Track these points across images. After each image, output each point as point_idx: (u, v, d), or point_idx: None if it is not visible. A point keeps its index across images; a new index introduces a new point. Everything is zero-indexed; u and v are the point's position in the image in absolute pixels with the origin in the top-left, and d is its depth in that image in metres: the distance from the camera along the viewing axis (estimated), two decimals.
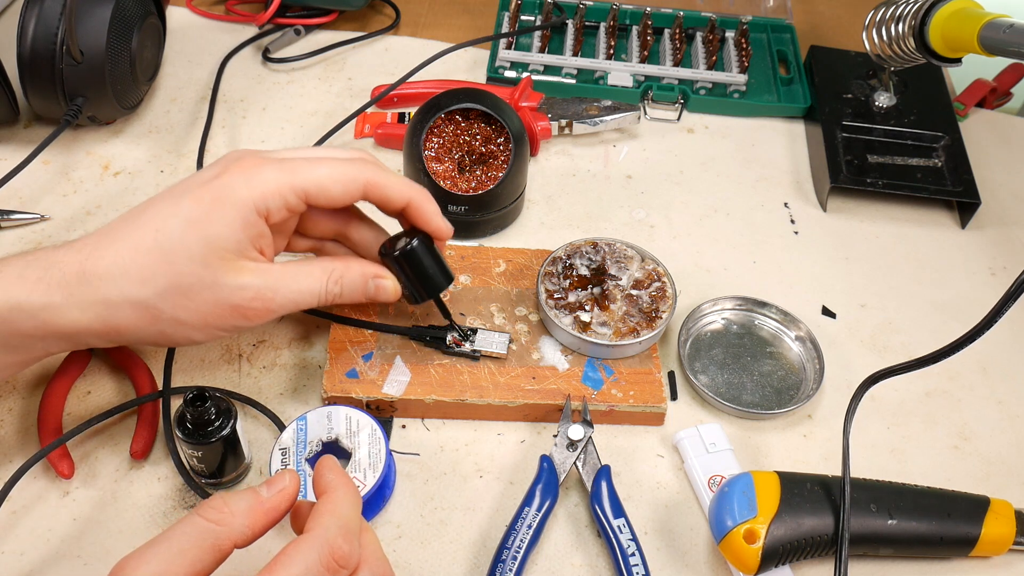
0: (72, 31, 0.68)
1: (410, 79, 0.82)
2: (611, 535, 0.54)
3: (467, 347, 0.61)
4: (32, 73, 0.69)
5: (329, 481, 0.43)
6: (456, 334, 0.61)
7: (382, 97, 0.80)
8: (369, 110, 0.81)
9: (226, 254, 0.51)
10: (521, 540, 0.53)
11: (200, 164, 0.75)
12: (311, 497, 0.45)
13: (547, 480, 0.55)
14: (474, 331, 0.61)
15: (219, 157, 0.55)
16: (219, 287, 0.51)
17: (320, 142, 0.78)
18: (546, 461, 0.56)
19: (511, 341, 0.62)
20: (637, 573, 0.52)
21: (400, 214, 0.57)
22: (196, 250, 0.50)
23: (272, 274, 0.53)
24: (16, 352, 0.51)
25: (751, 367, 0.65)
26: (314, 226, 0.59)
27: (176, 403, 0.59)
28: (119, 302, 0.50)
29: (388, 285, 0.57)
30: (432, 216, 0.57)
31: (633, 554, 0.53)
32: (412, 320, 0.63)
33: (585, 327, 0.62)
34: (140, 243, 0.50)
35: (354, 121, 0.80)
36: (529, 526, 0.53)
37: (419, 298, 0.58)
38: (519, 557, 0.52)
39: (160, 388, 0.60)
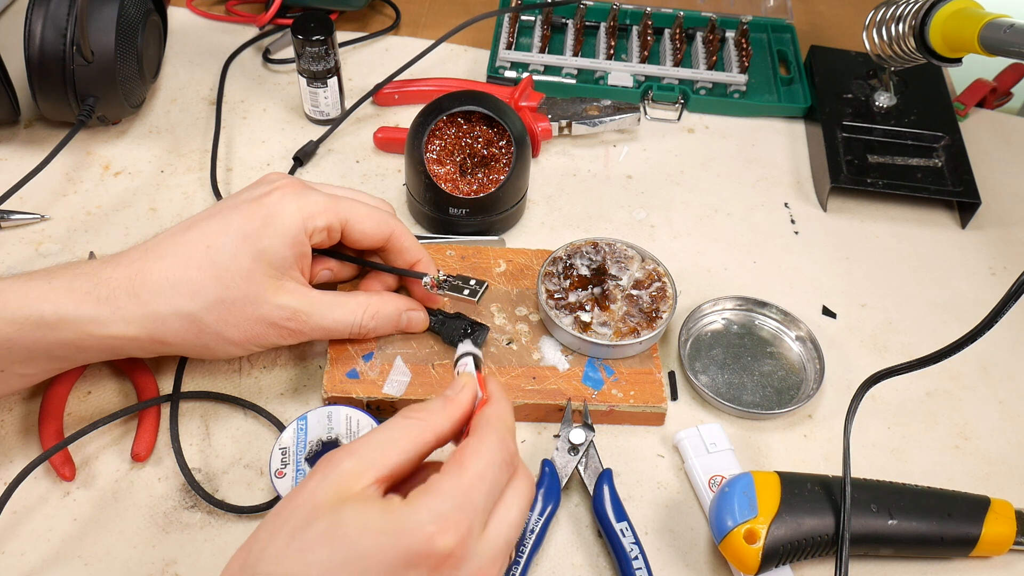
0: (84, 31, 0.68)
1: (410, 78, 0.82)
2: (614, 539, 0.54)
3: (441, 291, 0.61)
4: (42, 75, 0.69)
5: (492, 391, 0.47)
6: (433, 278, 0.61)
7: (383, 85, 0.81)
8: (369, 103, 0.81)
9: (272, 271, 0.54)
10: (524, 544, 0.53)
11: (214, 167, 0.75)
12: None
13: (549, 484, 0.55)
14: (450, 277, 0.62)
15: (257, 180, 0.57)
16: (261, 303, 0.54)
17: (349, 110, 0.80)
18: (548, 465, 0.56)
19: (485, 289, 0.61)
20: None
21: (398, 262, 0.61)
22: (246, 265, 0.53)
23: (310, 299, 0.56)
24: (58, 361, 0.54)
25: (751, 367, 0.65)
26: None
27: (184, 407, 0.59)
28: (168, 315, 0.52)
29: (420, 317, 0.61)
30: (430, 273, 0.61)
31: (636, 557, 0.53)
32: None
33: (585, 327, 0.62)
34: (191, 258, 0.52)
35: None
36: (532, 531, 0.53)
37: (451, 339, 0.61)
38: (522, 562, 0.52)
39: (159, 389, 0.60)
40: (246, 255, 0.53)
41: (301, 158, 0.77)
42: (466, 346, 0.50)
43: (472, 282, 0.61)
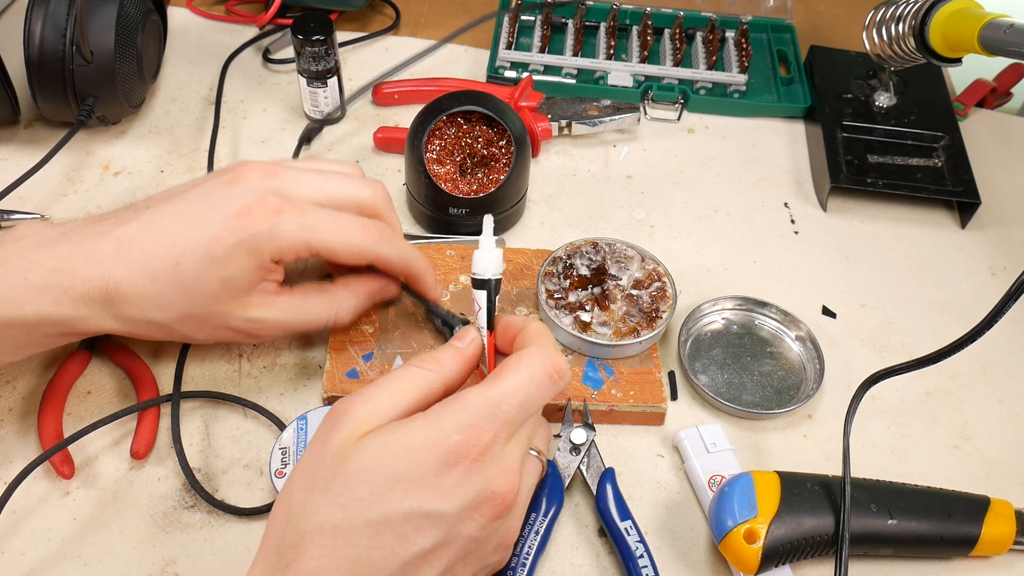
0: (83, 31, 0.68)
1: (410, 78, 0.82)
2: (618, 538, 0.54)
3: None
4: (41, 75, 0.69)
5: (523, 321, 0.50)
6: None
7: (384, 79, 0.81)
8: (368, 97, 0.81)
9: (239, 291, 0.54)
10: (529, 547, 0.53)
11: (212, 167, 0.75)
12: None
13: (552, 485, 0.55)
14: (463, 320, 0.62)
15: (237, 170, 0.55)
16: (229, 317, 0.54)
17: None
18: (550, 466, 0.56)
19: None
20: (646, 575, 0.52)
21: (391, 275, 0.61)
22: (212, 288, 0.53)
23: (278, 306, 0.56)
24: (38, 347, 0.55)
25: (751, 367, 0.65)
26: None
27: (186, 406, 0.59)
28: (139, 319, 0.53)
29: (392, 290, 0.62)
30: (428, 289, 0.61)
31: (641, 556, 0.53)
32: (413, 320, 0.63)
33: (585, 327, 0.62)
34: (159, 272, 0.52)
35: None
36: (536, 532, 0.53)
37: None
38: (527, 564, 0.52)
39: (159, 388, 0.60)
40: (213, 279, 0.52)
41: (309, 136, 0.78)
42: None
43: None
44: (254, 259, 0.52)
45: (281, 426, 0.59)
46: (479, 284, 0.51)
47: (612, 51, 0.87)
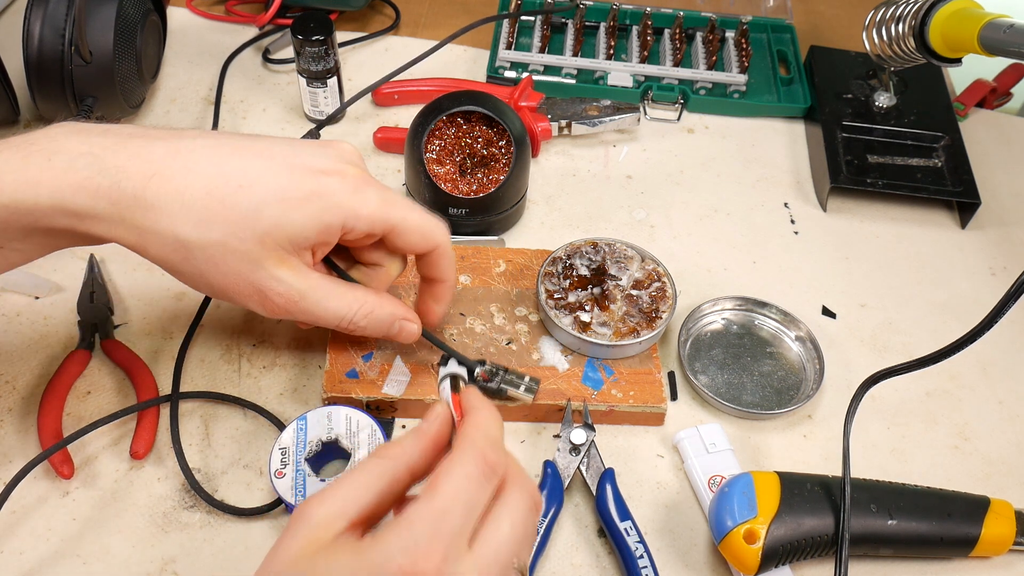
0: (82, 32, 0.68)
1: (410, 78, 0.82)
2: (618, 538, 0.54)
3: (493, 384, 0.58)
4: (40, 75, 0.69)
5: (472, 404, 0.45)
6: (484, 369, 0.58)
7: (384, 81, 0.81)
8: (368, 97, 0.81)
9: (287, 243, 0.50)
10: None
11: None
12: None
13: (552, 485, 0.55)
14: (504, 370, 0.59)
15: (331, 142, 0.54)
16: (259, 268, 0.50)
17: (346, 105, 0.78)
18: (550, 467, 0.56)
19: (537, 386, 0.59)
20: (646, 575, 0.52)
21: (425, 272, 0.58)
22: (266, 226, 0.49)
23: (309, 280, 0.52)
24: (57, 240, 0.50)
25: (751, 367, 0.65)
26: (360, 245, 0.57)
27: (184, 407, 0.59)
28: (163, 232, 0.48)
29: (413, 329, 0.57)
30: (442, 303, 0.59)
31: (641, 556, 0.53)
32: None
33: (585, 327, 0.62)
34: (218, 187, 0.48)
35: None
36: (536, 532, 0.53)
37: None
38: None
39: (159, 388, 0.60)
40: (270, 217, 0.49)
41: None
42: (448, 367, 0.49)
43: (527, 379, 0.58)
44: (324, 216, 0.50)
45: (281, 426, 0.59)
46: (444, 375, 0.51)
47: (612, 51, 0.87)
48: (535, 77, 0.84)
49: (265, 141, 0.51)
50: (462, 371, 0.50)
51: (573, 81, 0.85)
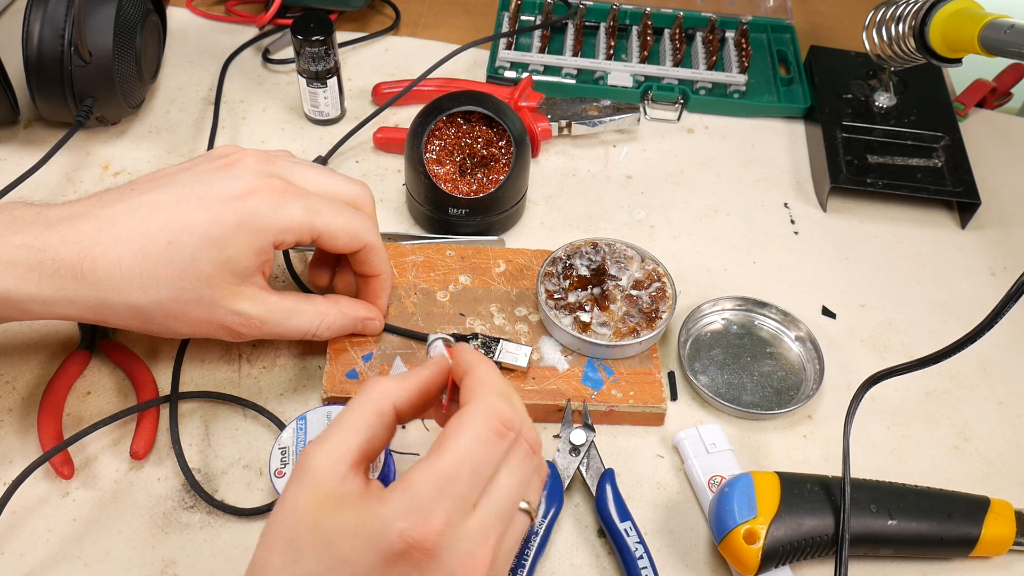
0: (81, 32, 0.68)
1: (409, 78, 0.82)
2: (618, 538, 0.54)
3: (492, 355, 0.60)
4: (40, 75, 0.69)
5: (469, 360, 0.44)
6: (478, 344, 0.61)
7: (392, 102, 0.81)
8: (367, 97, 0.81)
9: (233, 278, 0.52)
10: (529, 547, 0.53)
11: None
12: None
13: (552, 486, 0.55)
14: (496, 341, 0.61)
15: (231, 155, 0.54)
16: (216, 307, 0.52)
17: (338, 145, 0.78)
18: (550, 467, 0.56)
19: (532, 353, 0.60)
20: (645, 575, 0.52)
21: (359, 270, 0.60)
22: (206, 270, 0.51)
23: (268, 305, 0.55)
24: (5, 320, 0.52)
25: (751, 367, 0.65)
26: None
27: (184, 407, 0.59)
28: (115, 303, 0.50)
29: (376, 325, 0.61)
30: (382, 296, 0.61)
31: (641, 557, 0.53)
32: (412, 322, 0.63)
33: (585, 327, 0.62)
34: (149, 251, 0.50)
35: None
36: (536, 533, 0.53)
37: None
38: (527, 565, 0.52)
39: (159, 388, 0.60)
40: (208, 261, 0.50)
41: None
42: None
43: (521, 347, 0.60)
44: (256, 241, 0.51)
45: (281, 426, 0.59)
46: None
47: (612, 51, 0.87)
48: (535, 77, 0.84)
49: (176, 184, 0.52)
50: (448, 336, 0.51)
51: (573, 81, 0.85)
